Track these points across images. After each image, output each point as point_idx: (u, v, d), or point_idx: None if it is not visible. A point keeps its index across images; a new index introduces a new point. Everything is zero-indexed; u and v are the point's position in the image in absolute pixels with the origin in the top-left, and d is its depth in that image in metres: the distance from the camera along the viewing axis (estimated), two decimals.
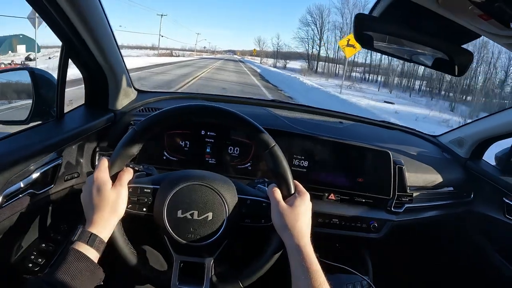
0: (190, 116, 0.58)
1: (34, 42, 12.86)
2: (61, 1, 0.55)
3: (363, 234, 0.86)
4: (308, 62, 36.15)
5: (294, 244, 0.51)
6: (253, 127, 0.56)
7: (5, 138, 0.63)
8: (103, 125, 0.82)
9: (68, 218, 0.78)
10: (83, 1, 0.59)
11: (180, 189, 0.55)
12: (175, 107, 0.56)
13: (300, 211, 0.54)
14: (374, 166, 0.87)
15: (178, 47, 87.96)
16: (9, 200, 0.58)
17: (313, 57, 36.67)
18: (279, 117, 0.98)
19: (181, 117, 0.57)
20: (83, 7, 0.60)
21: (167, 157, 0.85)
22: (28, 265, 0.68)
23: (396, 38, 0.63)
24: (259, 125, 0.56)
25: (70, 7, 0.57)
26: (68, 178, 0.74)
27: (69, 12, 0.58)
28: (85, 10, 0.61)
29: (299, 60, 39.63)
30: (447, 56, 0.61)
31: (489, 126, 1.01)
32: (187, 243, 0.55)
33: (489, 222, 0.99)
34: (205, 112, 0.57)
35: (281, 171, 0.55)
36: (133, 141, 0.54)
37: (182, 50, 78.01)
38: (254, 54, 59.36)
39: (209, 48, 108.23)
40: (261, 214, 0.57)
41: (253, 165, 0.86)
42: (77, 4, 0.58)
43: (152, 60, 20.08)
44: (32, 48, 14.30)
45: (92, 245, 0.48)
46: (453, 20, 0.48)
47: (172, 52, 49.28)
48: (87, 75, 0.81)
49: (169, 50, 54.03)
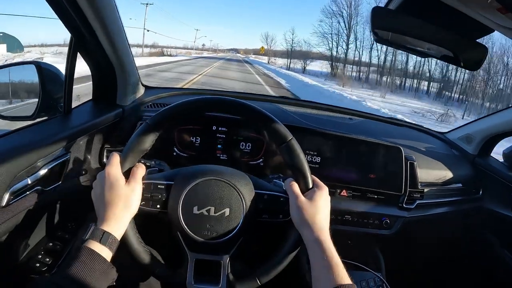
0: (205, 109, 0.57)
1: (16, 40, 12.05)
2: None
3: (375, 231, 0.85)
4: (332, 65, 28.30)
5: (314, 238, 0.50)
6: (270, 120, 0.54)
7: (11, 133, 0.61)
8: (112, 121, 0.80)
9: (76, 216, 0.76)
10: None
11: (196, 185, 0.53)
12: (190, 100, 0.54)
13: (320, 204, 0.53)
14: (386, 162, 0.86)
15: (175, 45, 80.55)
16: (17, 197, 0.56)
17: (337, 58, 28.36)
18: (289, 112, 0.97)
19: (196, 110, 0.56)
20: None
21: (177, 153, 0.83)
22: (36, 265, 0.65)
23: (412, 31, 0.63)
24: (276, 118, 0.55)
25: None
26: (75, 174, 0.72)
27: (82, 3, 0.56)
28: (97, 2, 0.59)
29: (318, 61, 32.29)
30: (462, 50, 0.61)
31: (497, 122, 1.01)
32: (203, 240, 0.53)
33: (497, 219, 0.99)
34: (220, 105, 0.55)
35: (299, 165, 0.54)
36: (146, 135, 0.53)
37: (177, 48, 67.29)
38: (262, 53, 49.86)
39: (211, 46, 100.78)
40: (279, 209, 0.56)
41: (265, 161, 0.85)
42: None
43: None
44: (14, 47, 13.32)
45: (105, 244, 0.46)
46: (468, 15, 0.48)
47: (163, 50, 39.43)
48: (95, 70, 0.79)
49: (159, 49, 44.18)
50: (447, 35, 0.60)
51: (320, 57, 31.46)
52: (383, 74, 25.57)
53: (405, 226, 0.87)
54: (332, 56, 28.81)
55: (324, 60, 30.88)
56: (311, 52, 32.62)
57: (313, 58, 33.10)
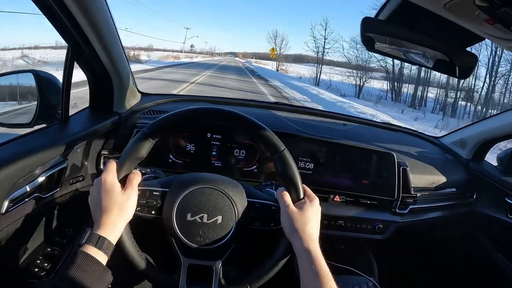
0: (200, 119, 0.58)
1: None
2: (68, 1, 0.55)
3: (368, 236, 0.86)
4: (393, 85, 16.46)
5: (303, 248, 0.51)
6: (263, 130, 0.56)
7: (10, 141, 0.62)
8: (108, 128, 0.81)
9: (73, 222, 0.77)
10: (89, 2, 0.59)
11: (190, 192, 0.55)
12: (186, 110, 0.56)
13: (310, 215, 0.54)
14: (378, 167, 0.87)
15: (164, 47, 66.85)
16: (15, 204, 0.57)
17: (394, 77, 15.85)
18: (283, 119, 0.98)
19: (191, 120, 0.57)
20: (89, 8, 0.60)
21: (173, 160, 0.85)
22: (34, 270, 0.67)
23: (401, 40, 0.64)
24: (269, 129, 0.56)
25: (77, 8, 0.57)
26: (73, 181, 0.74)
27: (75, 13, 0.57)
28: (92, 11, 0.61)
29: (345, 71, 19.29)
30: (452, 58, 0.62)
31: (490, 127, 1.02)
32: (196, 246, 0.54)
33: (492, 223, 1.00)
34: (215, 115, 0.57)
35: (290, 175, 0.56)
36: (142, 143, 0.54)
37: (165, 51, 55.68)
38: (272, 57, 30.11)
39: (209, 50, 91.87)
40: (270, 217, 0.57)
41: (259, 167, 0.86)
42: (84, 5, 0.58)
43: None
44: None
45: (101, 248, 0.48)
46: (458, 24, 0.49)
47: (136, 55, 23.49)
48: (92, 77, 0.80)
49: (134, 52, 26.68)
50: (438, 43, 0.61)
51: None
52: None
53: (398, 231, 0.88)
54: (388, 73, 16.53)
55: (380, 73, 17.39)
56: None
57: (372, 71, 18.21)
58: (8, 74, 0.76)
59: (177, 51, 54.04)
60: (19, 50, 14.34)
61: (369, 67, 18.77)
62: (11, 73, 0.76)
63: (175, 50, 62.45)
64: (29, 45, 16.28)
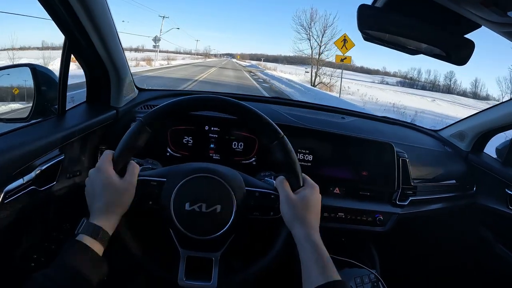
0: (199, 108, 0.58)
1: None
2: None
3: (369, 228, 0.86)
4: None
5: (304, 236, 0.50)
6: (261, 118, 0.55)
7: (5, 133, 0.62)
8: (105, 122, 0.81)
9: (70, 216, 0.76)
10: None
11: (187, 181, 0.54)
12: (182, 99, 0.55)
13: (310, 203, 0.53)
14: (378, 159, 0.87)
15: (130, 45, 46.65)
16: (11, 196, 0.56)
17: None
18: (281, 112, 0.98)
19: (189, 108, 0.57)
20: (88, 0, 0.59)
21: (171, 153, 0.84)
22: (31, 265, 0.66)
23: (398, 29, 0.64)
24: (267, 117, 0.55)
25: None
26: (70, 175, 0.73)
27: (74, 4, 0.57)
28: (90, 3, 0.60)
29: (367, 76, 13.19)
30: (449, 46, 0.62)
31: (489, 118, 1.02)
32: (194, 236, 0.53)
33: (492, 214, 1.00)
34: (212, 103, 0.56)
35: (290, 163, 0.55)
36: (139, 133, 0.53)
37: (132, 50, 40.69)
38: (346, 62, 10.01)
39: (204, 50, 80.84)
40: (270, 206, 0.56)
41: (257, 160, 0.85)
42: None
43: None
44: None
45: (96, 238, 0.46)
46: (454, 10, 0.49)
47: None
48: (89, 71, 0.80)
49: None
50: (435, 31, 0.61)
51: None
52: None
53: (399, 223, 0.88)
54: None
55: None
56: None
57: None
58: (5, 69, 0.75)
59: (147, 51, 37.17)
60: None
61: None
62: (7, 67, 0.75)
63: (145, 49, 44.99)
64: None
